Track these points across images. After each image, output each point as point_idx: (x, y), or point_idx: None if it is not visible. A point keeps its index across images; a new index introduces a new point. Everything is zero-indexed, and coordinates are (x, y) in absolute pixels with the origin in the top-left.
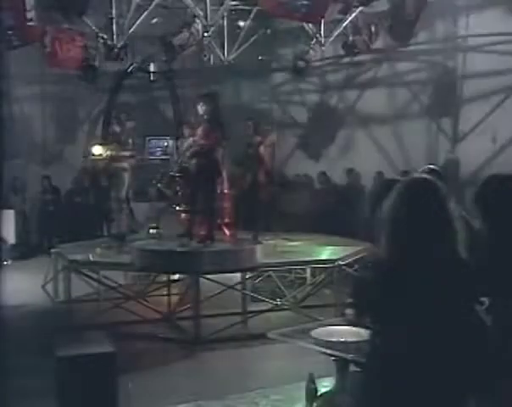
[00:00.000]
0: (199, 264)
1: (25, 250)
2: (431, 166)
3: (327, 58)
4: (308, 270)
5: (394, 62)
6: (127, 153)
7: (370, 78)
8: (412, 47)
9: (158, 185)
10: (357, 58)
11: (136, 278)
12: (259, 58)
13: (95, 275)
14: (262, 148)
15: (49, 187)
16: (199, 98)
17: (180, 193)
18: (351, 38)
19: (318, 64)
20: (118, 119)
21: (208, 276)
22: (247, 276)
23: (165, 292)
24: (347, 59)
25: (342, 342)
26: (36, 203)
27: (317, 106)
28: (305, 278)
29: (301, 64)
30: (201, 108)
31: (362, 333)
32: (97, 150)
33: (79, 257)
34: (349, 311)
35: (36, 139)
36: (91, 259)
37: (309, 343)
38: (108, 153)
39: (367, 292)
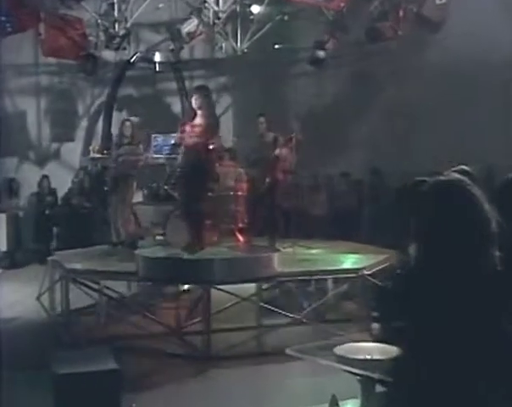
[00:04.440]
0: (210, 274)
1: (17, 258)
2: (463, 167)
3: (349, 47)
4: (330, 281)
5: (424, 50)
6: (135, 153)
7: (397, 68)
8: (443, 34)
9: (165, 186)
10: (382, 47)
11: (141, 289)
12: (275, 47)
13: (96, 286)
14: (278, 146)
15: (47, 189)
16: (193, 91)
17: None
18: (376, 24)
19: (339, 53)
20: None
21: (221, 287)
22: (262, 287)
23: (173, 305)
24: (371, 48)
25: (367, 360)
26: (30, 206)
27: (338, 99)
28: (326, 289)
29: (321, 53)
30: (195, 102)
31: (389, 350)
32: (99, 148)
33: (78, 265)
34: (375, 326)
35: (30, 136)
36: (91, 267)
37: (332, 361)
38: (116, 155)
39: (394, 304)
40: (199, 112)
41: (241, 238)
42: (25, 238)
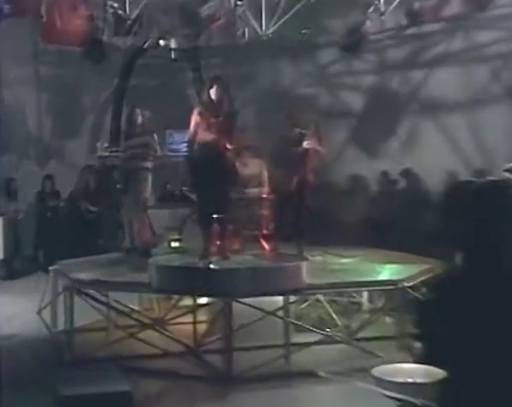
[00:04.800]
0: (232, 285)
1: (16, 267)
2: None
3: (387, 30)
4: (365, 294)
5: (470, 32)
6: (148, 144)
7: (440, 53)
8: (492, 13)
9: (182, 188)
10: (424, 29)
11: (155, 302)
12: (303, 31)
13: (104, 299)
14: (307, 144)
15: (50, 190)
16: (212, 81)
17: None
18: (417, 4)
19: (375, 37)
20: (138, 109)
21: (244, 300)
22: (290, 300)
23: (190, 320)
24: (411, 31)
25: (408, 383)
26: (31, 209)
27: (374, 90)
28: (361, 303)
29: (354, 38)
30: (215, 92)
31: (433, 372)
32: (107, 145)
33: (84, 275)
34: (416, 345)
35: (30, 132)
36: (98, 278)
37: (369, 384)
38: (125, 148)
39: (438, 321)
40: (218, 104)
41: (266, 246)
42: (24, 245)
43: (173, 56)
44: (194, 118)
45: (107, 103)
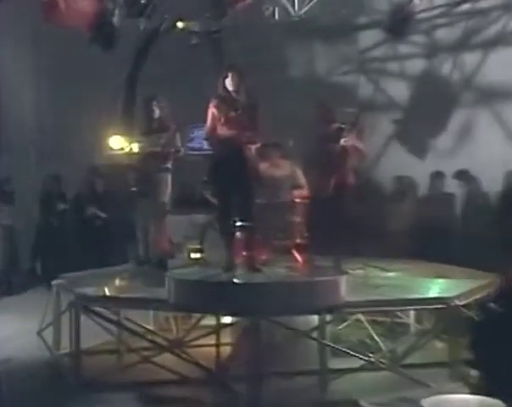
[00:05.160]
0: (260, 302)
1: (13, 281)
2: None
3: (437, 8)
4: (412, 313)
5: None
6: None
7: (499, 33)
8: None
9: (203, 191)
10: (479, 5)
11: (172, 321)
12: (341, 11)
13: (114, 317)
14: (345, 140)
15: (58, 193)
16: (227, 69)
17: None
18: None
19: (424, 16)
20: (156, 100)
21: (274, 319)
22: (326, 320)
23: (213, 341)
24: (465, 7)
25: None
26: (30, 214)
27: (422, 77)
28: (408, 325)
29: (399, 17)
30: (232, 83)
31: (490, 404)
32: (119, 142)
33: (91, 290)
34: (472, 373)
35: (30, 126)
36: (108, 293)
37: None
38: (143, 145)
39: (497, 345)
40: (235, 95)
41: (298, 257)
42: (22, 255)
43: (193, 40)
44: (210, 112)
45: (117, 93)
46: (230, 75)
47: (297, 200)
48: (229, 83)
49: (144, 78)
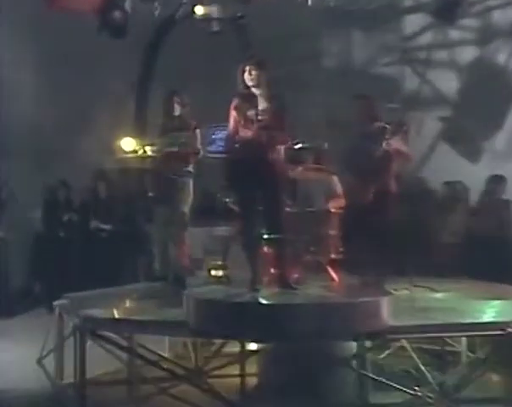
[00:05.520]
0: (291, 326)
1: (9, 303)
2: None
3: None
4: (464, 340)
5: None
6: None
7: None
8: None
9: (226, 199)
10: None
11: (191, 347)
12: None
13: (125, 343)
14: (388, 143)
15: (66, 201)
16: (247, 62)
17: None
18: None
19: None
20: (177, 96)
21: (306, 346)
22: (367, 347)
23: (237, 371)
24: None
25: None
26: (27, 226)
27: (475, 67)
28: (459, 353)
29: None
30: (252, 77)
31: None
32: (131, 142)
33: (99, 313)
34: None
35: (29, 124)
36: (118, 315)
37: None
38: (160, 146)
39: None
40: (257, 91)
41: (334, 275)
42: (17, 273)
43: (214, 27)
44: (231, 113)
45: (128, 88)
46: (248, 68)
47: (333, 210)
48: (248, 78)
49: (158, 71)
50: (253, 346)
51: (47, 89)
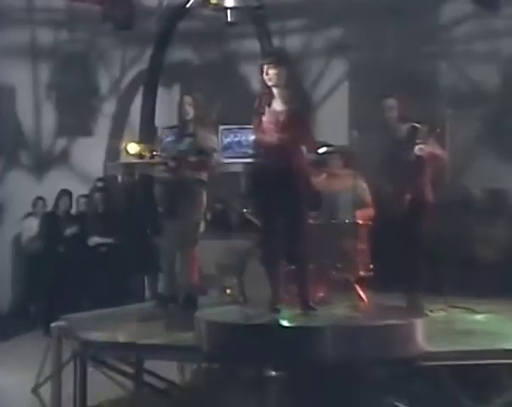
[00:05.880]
0: (316, 351)
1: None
2: None
3: None
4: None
5: None
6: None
7: None
8: None
9: (243, 210)
10: None
11: (203, 373)
12: None
13: (130, 369)
14: (421, 147)
15: (66, 212)
16: (267, 59)
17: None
18: None
19: None
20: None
21: (333, 373)
22: (399, 374)
23: (256, 400)
24: None
25: None
26: (24, 241)
27: None
28: (505, 382)
29: None
30: (270, 77)
31: None
32: (136, 146)
33: (101, 336)
34: None
35: (23, 126)
36: (122, 339)
37: None
38: (170, 152)
39: None
40: (278, 91)
41: (363, 294)
42: (12, 293)
43: (229, 18)
44: (256, 114)
45: (135, 85)
46: (266, 67)
47: (361, 222)
48: (270, 78)
49: (167, 66)
50: (272, 373)
51: (44, 87)
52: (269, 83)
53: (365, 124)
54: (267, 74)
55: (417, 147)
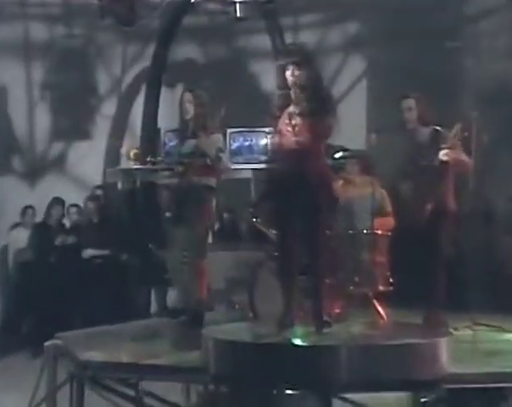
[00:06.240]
0: (332, 373)
1: None
2: None
3: None
4: None
5: None
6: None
7: None
8: None
9: (254, 219)
10: None
11: (210, 395)
12: None
13: (131, 391)
14: (445, 153)
15: (59, 222)
16: (287, 56)
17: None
18: None
19: None
20: (189, 94)
21: (350, 397)
22: (422, 399)
23: None
24: None
25: None
26: (14, 251)
27: None
28: None
29: None
30: (292, 76)
31: None
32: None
33: (99, 355)
34: None
35: (15, 129)
36: (122, 359)
37: None
38: (175, 156)
39: None
40: (298, 92)
41: (382, 311)
42: (2, 309)
43: (238, 12)
44: (273, 118)
45: (137, 84)
46: (290, 64)
47: (380, 232)
48: (290, 77)
49: (171, 64)
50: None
51: (38, 85)
52: (291, 84)
53: (384, 126)
54: (292, 75)
55: (442, 153)
